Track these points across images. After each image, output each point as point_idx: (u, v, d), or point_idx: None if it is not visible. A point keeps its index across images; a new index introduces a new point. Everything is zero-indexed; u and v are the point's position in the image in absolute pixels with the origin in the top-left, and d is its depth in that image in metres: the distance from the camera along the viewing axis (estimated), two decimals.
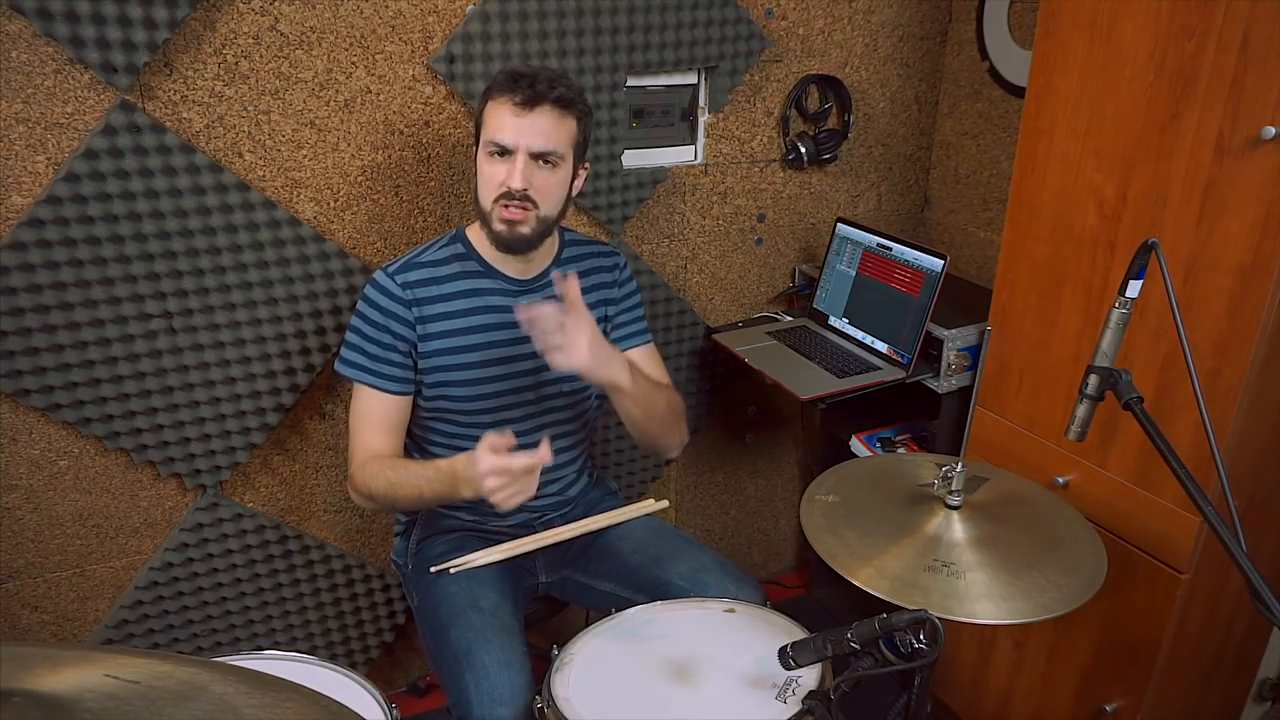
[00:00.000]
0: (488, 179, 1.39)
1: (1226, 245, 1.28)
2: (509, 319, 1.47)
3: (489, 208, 1.39)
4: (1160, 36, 1.32)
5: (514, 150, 1.35)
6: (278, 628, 1.92)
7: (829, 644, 1.05)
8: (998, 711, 1.85)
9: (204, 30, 1.48)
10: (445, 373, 1.47)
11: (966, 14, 2.11)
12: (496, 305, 1.48)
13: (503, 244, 1.42)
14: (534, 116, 1.34)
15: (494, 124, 1.36)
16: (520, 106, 1.34)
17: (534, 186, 1.37)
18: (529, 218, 1.39)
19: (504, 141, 1.35)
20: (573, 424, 1.59)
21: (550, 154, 1.37)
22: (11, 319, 1.48)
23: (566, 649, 1.24)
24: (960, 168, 2.21)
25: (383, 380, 1.46)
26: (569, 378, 1.52)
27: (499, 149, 1.36)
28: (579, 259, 1.57)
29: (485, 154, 1.38)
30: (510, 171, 1.36)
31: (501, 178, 1.37)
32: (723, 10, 1.86)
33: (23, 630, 1.71)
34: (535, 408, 1.53)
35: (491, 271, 1.48)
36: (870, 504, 1.30)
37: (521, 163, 1.35)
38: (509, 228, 1.39)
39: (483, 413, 1.50)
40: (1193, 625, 1.51)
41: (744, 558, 2.53)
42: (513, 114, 1.34)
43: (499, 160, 1.37)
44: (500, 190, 1.37)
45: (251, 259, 1.62)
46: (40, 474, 1.61)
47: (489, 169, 1.38)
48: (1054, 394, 1.60)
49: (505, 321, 1.47)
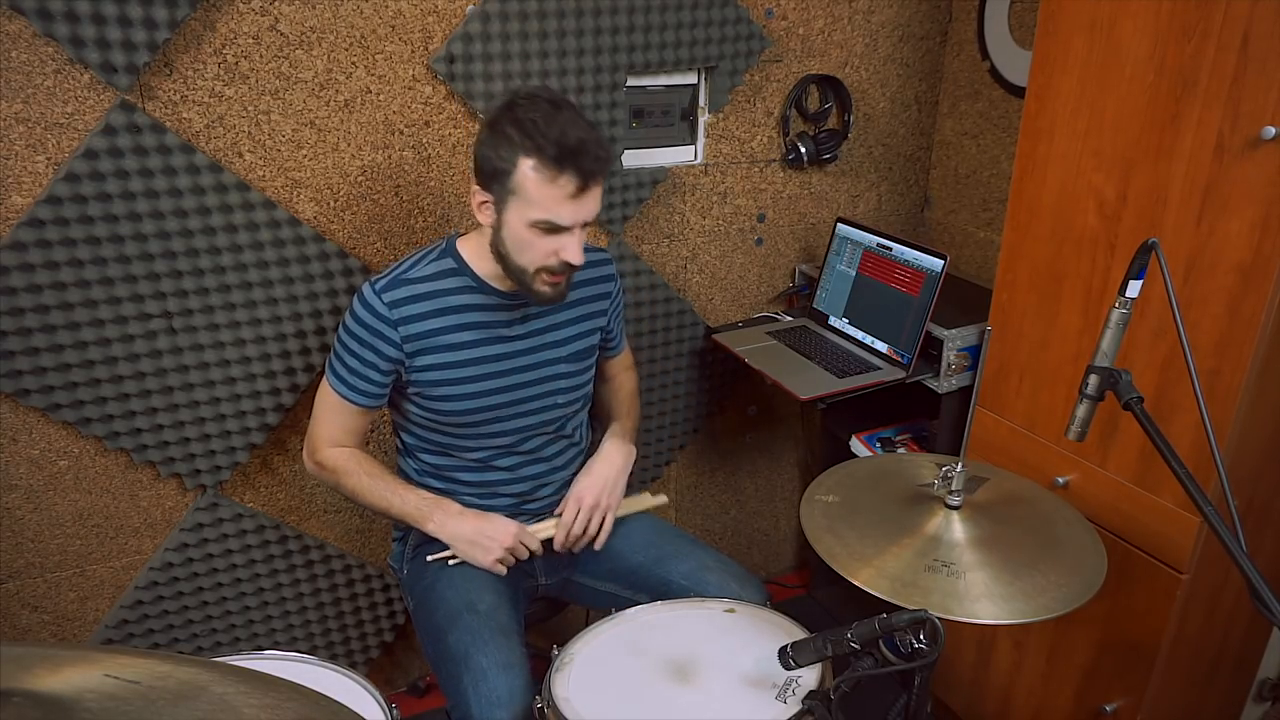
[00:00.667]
0: (534, 249, 1.33)
1: (1226, 245, 1.28)
2: (502, 333, 1.46)
3: (530, 271, 1.35)
4: (1160, 36, 1.32)
5: (571, 228, 1.32)
6: (278, 628, 1.92)
7: (829, 644, 1.05)
8: (998, 711, 1.85)
9: (204, 30, 1.49)
10: (439, 387, 1.45)
11: (966, 14, 2.11)
12: (491, 321, 1.45)
13: (545, 301, 1.41)
14: (589, 194, 1.30)
15: (545, 204, 1.29)
16: (575, 194, 1.28)
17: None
18: (569, 275, 1.38)
19: (562, 223, 1.30)
20: (565, 429, 1.58)
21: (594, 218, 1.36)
22: (11, 319, 1.48)
23: (566, 649, 1.24)
24: (960, 168, 2.21)
25: (354, 394, 1.45)
26: (564, 389, 1.53)
27: (552, 227, 1.31)
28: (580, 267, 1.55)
29: (526, 224, 1.31)
30: (568, 246, 1.32)
31: (553, 249, 1.32)
32: (723, 10, 1.86)
33: (23, 630, 1.71)
34: (532, 419, 1.52)
35: (484, 287, 1.44)
36: (870, 504, 1.30)
37: (580, 238, 1.32)
38: (554, 289, 1.38)
39: (478, 424, 1.49)
40: (1193, 625, 1.51)
41: (744, 558, 2.53)
42: (570, 197, 1.28)
43: (546, 233, 1.31)
44: (554, 261, 1.33)
45: (251, 259, 1.62)
46: (40, 474, 1.61)
47: (535, 240, 1.32)
48: (1054, 394, 1.60)
49: (498, 336, 1.46)
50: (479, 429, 1.49)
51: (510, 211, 1.32)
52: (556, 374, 1.51)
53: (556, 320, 1.51)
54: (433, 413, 1.47)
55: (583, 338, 1.54)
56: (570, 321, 1.52)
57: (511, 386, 1.48)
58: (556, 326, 1.51)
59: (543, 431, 1.54)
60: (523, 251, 1.34)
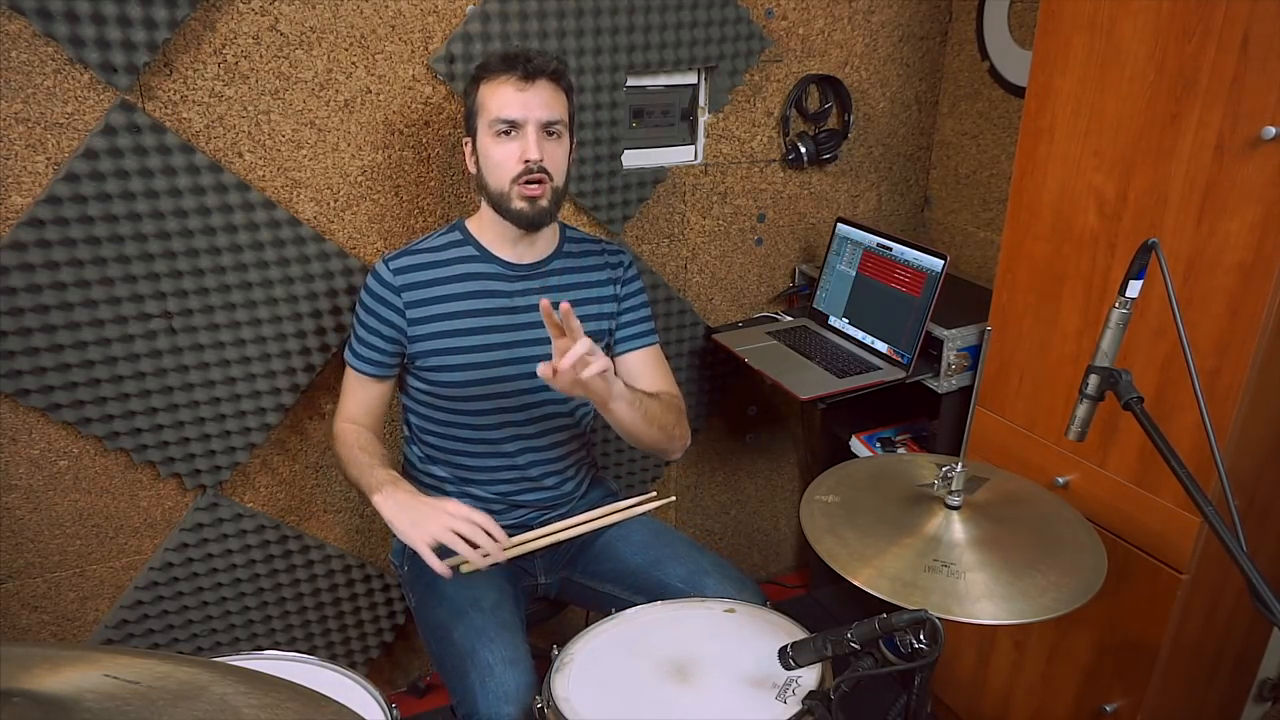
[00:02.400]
0: (499, 160, 1.39)
1: (1226, 245, 1.28)
2: (506, 304, 1.48)
3: (506, 189, 1.40)
4: (1160, 36, 1.32)
5: (524, 124, 1.37)
6: (278, 628, 1.92)
7: (829, 644, 1.05)
8: (998, 711, 1.85)
9: (204, 30, 1.49)
10: (440, 356, 1.47)
11: (966, 14, 2.11)
12: (493, 290, 1.49)
13: (525, 221, 1.43)
14: (537, 89, 1.37)
15: (497, 102, 1.37)
16: (523, 80, 1.36)
17: (546, 158, 1.39)
18: (546, 190, 1.41)
19: (513, 116, 1.37)
20: (571, 418, 1.58)
21: (556, 123, 1.40)
22: (11, 319, 1.48)
23: (566, 649, 1.24)
24: (960, 168, 2.21)
25: (361, 362, 1.51)
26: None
27: (507, 125, 1.37)
28: (581, 254, 1.57)
29: (491, 135, 1.39)
30: (524, 146, 1.37)
31: (516, 154, 1.38)
32: (723, 10, 1.86)
33: (23, 630, 1.71)
34: (532, 396, 1.52)
35: (489, 256, 1.49)
36: (870, 504, 1.30)
37: (534, 134, 1.37)
38: (531, 204, 1.40)
39: (478, 398, 1.49)
40: (1193, 625, 1.51)
41: (744, 558, 2.53)
42: (516, 89, 1.36)
43: (508, 139, 1.38)
44: (518, 168, 1.38)
45: (251, 259, 1.62)
46: (40, 474, 1.61)
47: (499, 150, 1.39)
48: (1054, 394, 1.60)
49: (502, 306, 1.48)
50: (479, 404, 1.50)
51: (480, 135, 1.41)
52: None
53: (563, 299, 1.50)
54: (433, 384, 1.49)
55: (588, 322, 1.54)
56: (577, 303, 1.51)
57: (511, 360, 1.49)
58: None
59: (547, 414, 1.54)
60: (493, 169, 1.41)
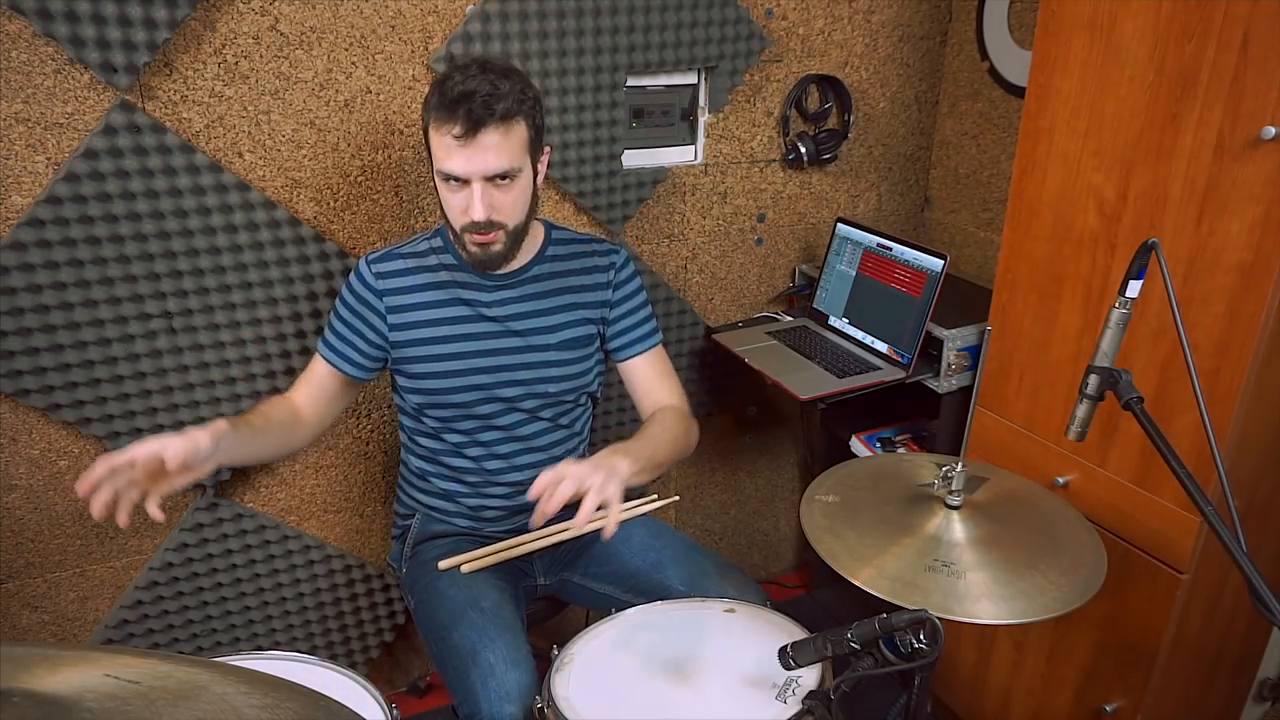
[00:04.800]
0: (450, 206, 1.36)
1: (1226, 245, 1.28)
2: (483, 312, 1.47)
3: (459, 232, 1.38)
4: (1160, 36, 1.32)
5: (469, 179, 1.30)
6: (278, 628, 1.92)
7: (829, 644, 1.05)
8: (998, 711, 1.85)
9: (204, 30, 1.49)
10: (422, 364, 1.47)
11: (966, 14, 2.11)
12: (471, 299, 1.47)
13: (479, 265, 1.41)
14: (480, 142, 1.27)
15: (440, 154, 1.30)
16: (464, 136, 1.26)
17: (496, 209, 1.33)
18: (498, 237, 1.37)
19: (455, 173, 1.30)
20: (563, 420, 1.57)
21: (506, 173, 1.31)
22: (11, 319, 1.48)
23: (566, 649, 1.24)
24: (960, 168, 2.21)
25: (340, 359, 1.49)
26: (555, 378, 1.52)
27: (452, 179, 1.31)
28: (568, 257, 1.54)
29: (440, 179, 1.34)
30: (469, 202, 1.32)
31: (463, 206, 1.33)
32: (723, 10, 1.86)
33: (23, 630, 1.71)
34: (519, 403, 1.51)
35: (465, 265, 1.47)
36: (870, 504, 1.30)
37: (479, 192, 1.31)
38: (482, 249, 1.38)
39: (466, 404, 1.49)
40: (1193, 625, 1.51)
41: (744, 558, 2.53)
42: (459, 145, 1.27)
43: (456, 187, 1.32)
44: (464, 220, 1.35)
45: (251, 259, 1.62)
46: (40, 474, 1.61)
47: (449, 196, 1.35)
48: (1054, 394, 1.60)
49: (479, 315, 1.47)
50: (467, 410, 1.50)
51: (434, 170, 1.35)
52: (546, 360, 1.51)
53: (543, 306, 1.50)
54: (421, 393, 1.49)
55: (573, 326, 1.52)
56: (560, 309, 1.51)
57: (495, 368, 1.48)
58: (544, 312, 1.50)
59: (538, 418, 1.54)
60: (448, 211, 1.37)
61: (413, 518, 1.61)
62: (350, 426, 1.85)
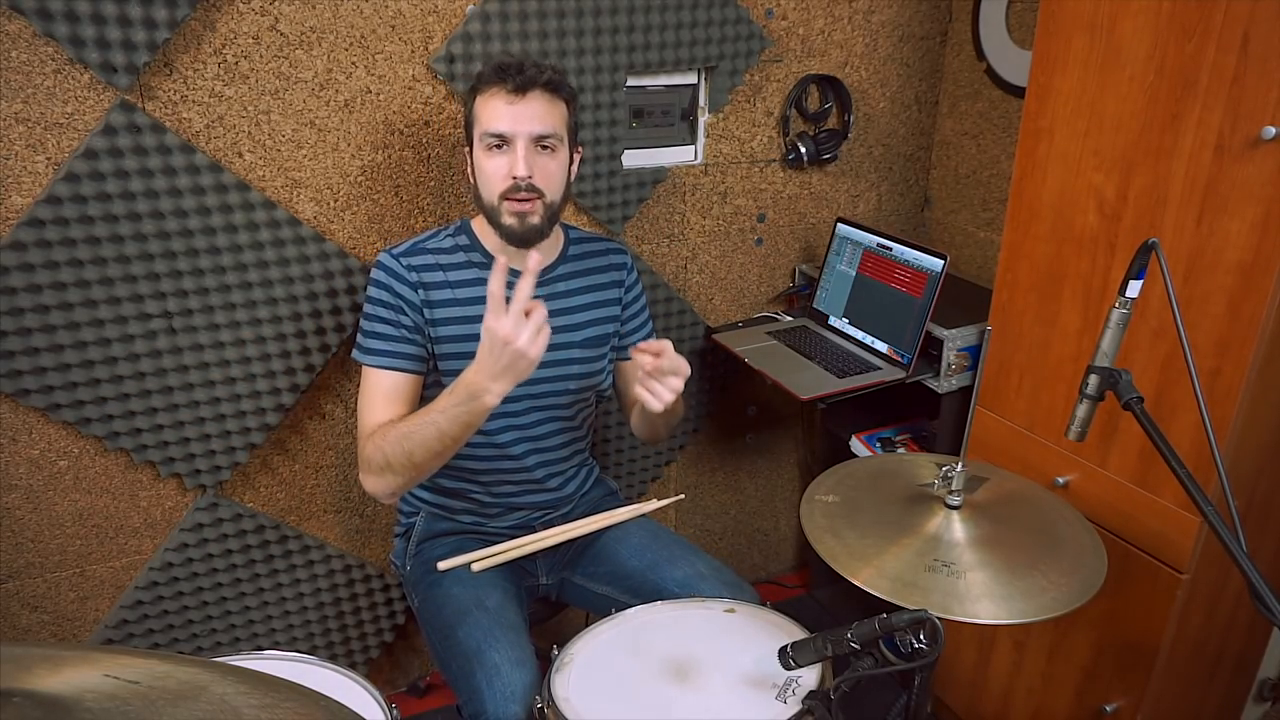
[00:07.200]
0: (490, 174, 1.38)
1: (1226, 245, 1.28)
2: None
3: (495, 203, 1.39)
4: (1160, 36, 1.32)
5: (513, 138, 1.35)
6: (278, 628, 1.92)
7: (829, 644, 1.05)
8: (998, 711, 1.85)
9: (204, 30, 1.48)
10: (455, 360, 1.45)
11: (966, 14, 2.11)
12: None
13: (515, 238, 1.40)
14: (528, 102, 1.34)
15: (488, 115, 1.35)
16: (513, 94, 1.34)
17: (537, 173, 1.37)
18: (537, 207, 1.38)
19: (501, 130, 1.34)
20: (574, 420, 1.59)
21: (549, 137, 1.37)
22: (11, 319, 1.48)
23: (566, 649, 1.24)
24: (960, 168, 2.21)
25: (405, 361, 1.43)
26: (577, 375, 1.53)
27: (497, 139, 1.35)
28: (588, 256, 1.57)
29: (483, 148, 1.37)
30: (513, 161, 1.35)
31: (505, 170, 1.36)
32: (723, 10, 1.86)
33: (23, 630, 1.71)
34: (539, 401, 1.52)
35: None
36: (870, 504, 1.30)
37: (523, 150, 1.35)
38: (519, 220, 1.38)
39: None
40: (1193, 625, 1.51)
41: (744, 558, 2.53)
42: (506, 102, 1.34)
43: (498, 153, 1.36)
44: (505, 183, 1.36)
45: (251, 259, 1.62)
46: (40, 474, 1.61)
47: (490, 163, 1.37)
48: (1054, 394, 1.60)
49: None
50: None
51: (474, 146, 1.40)
52: (570, 358, 1.51)
53: (570, 304, 1.51)
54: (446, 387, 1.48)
55: (596, 324, 1.55)
56: (584, 306, 1.53)
57: None
58: (571, 310, 1.51)
59: (554, 417, 1.54)
60: (485, 182, 1.39)
61: (417, 515, 1.61)
62: (350, 426, 1.85)
